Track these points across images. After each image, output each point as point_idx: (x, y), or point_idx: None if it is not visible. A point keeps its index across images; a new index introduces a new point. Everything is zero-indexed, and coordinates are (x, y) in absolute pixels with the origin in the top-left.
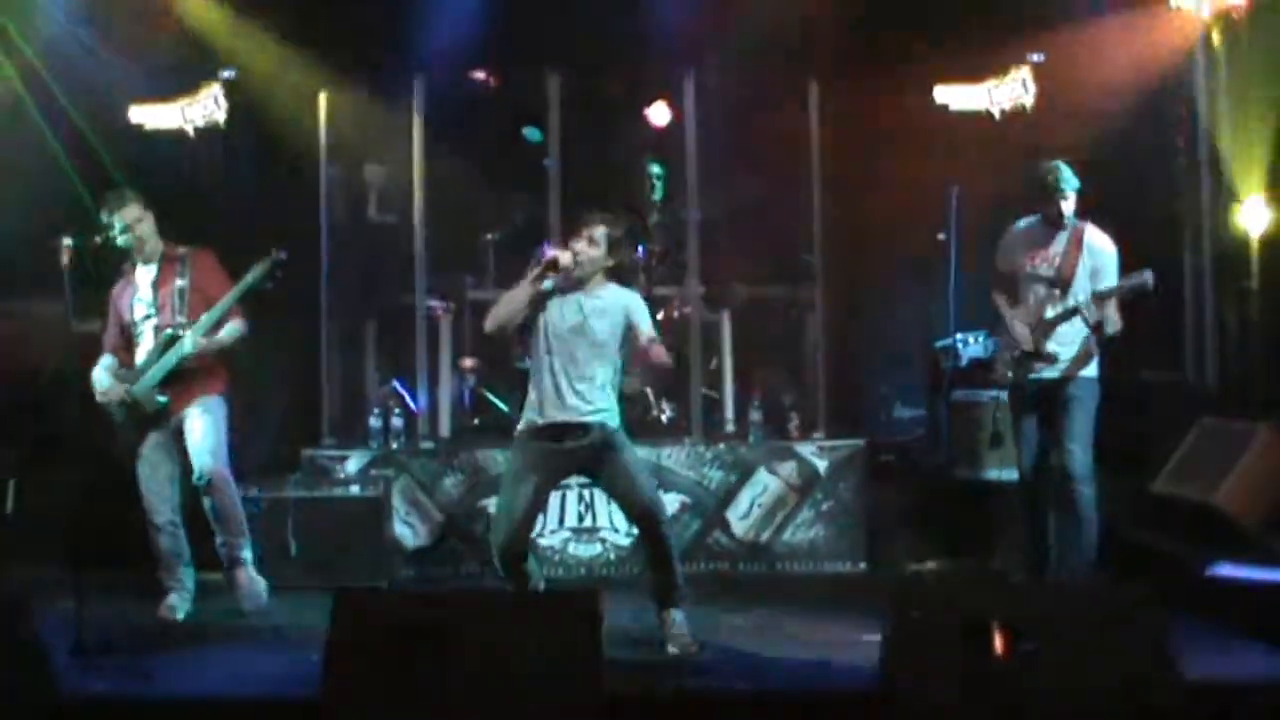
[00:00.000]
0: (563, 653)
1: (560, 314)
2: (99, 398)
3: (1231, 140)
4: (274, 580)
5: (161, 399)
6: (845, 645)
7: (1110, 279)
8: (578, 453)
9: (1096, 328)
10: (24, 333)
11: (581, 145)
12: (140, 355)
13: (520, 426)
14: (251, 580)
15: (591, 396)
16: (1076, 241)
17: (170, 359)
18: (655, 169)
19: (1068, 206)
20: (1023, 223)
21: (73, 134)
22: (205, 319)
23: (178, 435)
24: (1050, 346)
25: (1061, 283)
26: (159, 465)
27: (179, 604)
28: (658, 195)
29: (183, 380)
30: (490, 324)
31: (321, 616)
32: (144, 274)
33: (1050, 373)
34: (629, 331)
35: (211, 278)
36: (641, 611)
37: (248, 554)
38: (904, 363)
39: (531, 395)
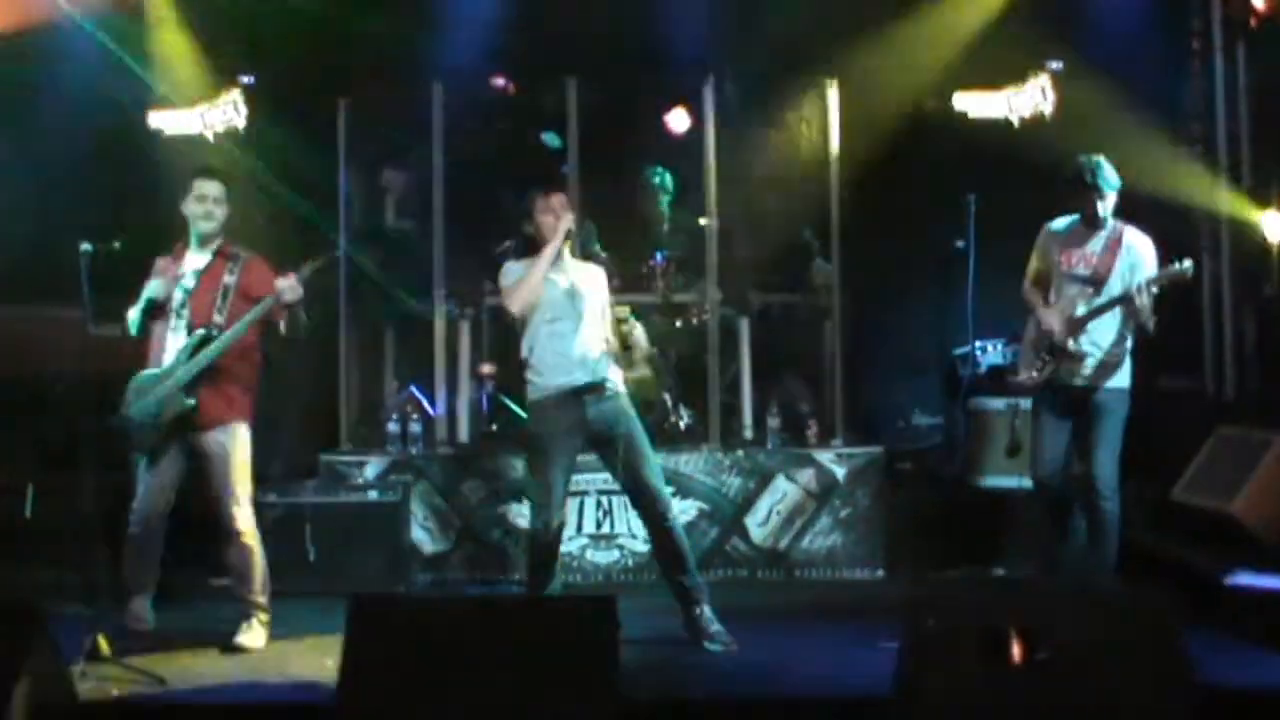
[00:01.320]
0: (579, 658)
1: (554, 282)
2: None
3: (1251, 146)
4: (292, 585)
5: (190, 401)
6: (862, 652)
7: (1150, 273)
8: (598, 420)
9: (1134, 314)
10: (41, 337)
11: (600, 152)
12: (169, 350)
13: (539, 397)
14: (255, 631)
15: (601, 358)
16: (1115, 242)
17: (203, 359)
18: (657, 179)
19: (1105, 205)
20: (1060, 222)
21: (91, 139)
22: (250, 314)
23: (195, 454)
24: (1078, 345)
25: (1096, 281)
26: (163, 471)
27: (141, 612)
28: (664, 203)
29: (214, 385)
30: (519, 305)
31: (338, 621)
32: (193, 259)
33: (1081, 380)
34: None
35: (264, 282)
36: (659, 617)
37: (263, 614)
38: (922, 370)
39: (547, 363)
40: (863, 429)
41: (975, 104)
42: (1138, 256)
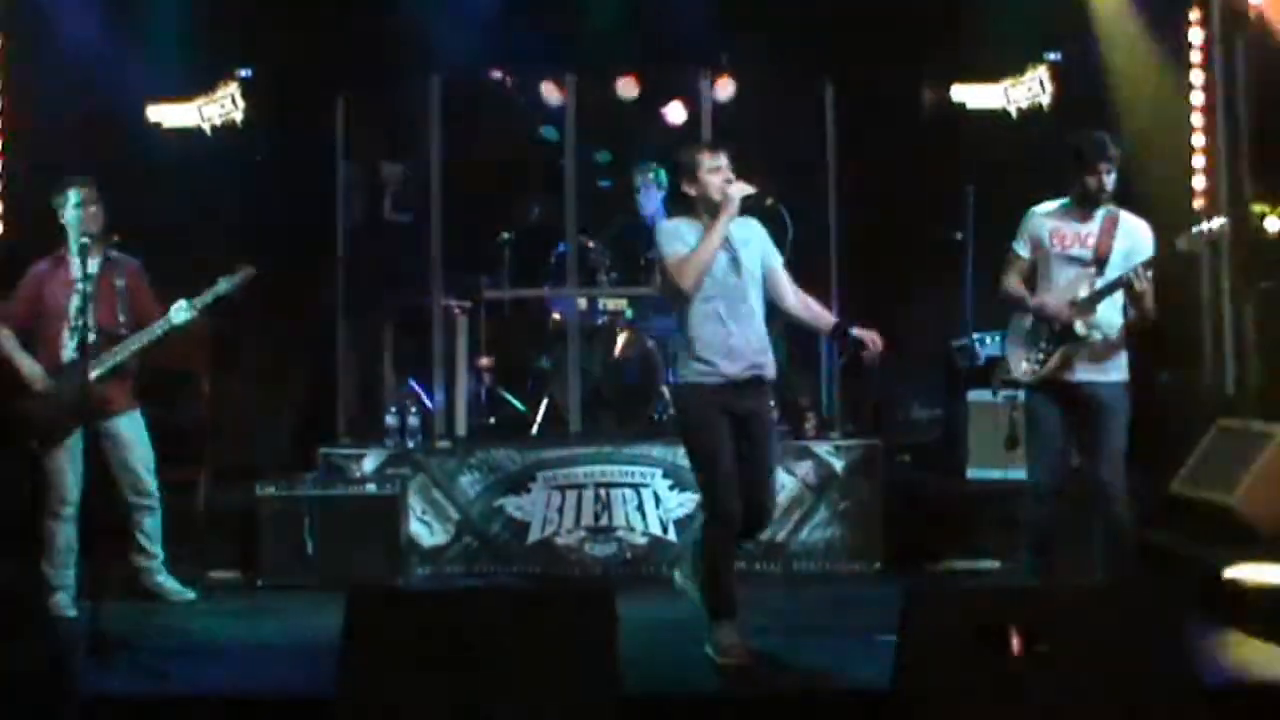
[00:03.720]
0: (578, 652)
1: (716, 255)
2: (39, 387)
3: (1251, 139)
4: (290, 578)
5: (103, 394)
6: (860, 646)
7: (1148, 255)
8: (750, 410)
9: (1135, 299)
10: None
11: (597, 146)
12: (67, 348)
13: (693, 381)
14: (181, 586)
15: (758, 337)
16: (1112, 222)
17: (117, 358)
18: (652, 174)
19: (1108, 181)
20: (1047, 205)
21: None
22: (150, 334)
23: (99, 437)
24: (1087, 329)
25: (1098, 261)
26: (78, 457)
27: (68, 603)
28: (659, 198)
29: (116, 381)
30: (689, 280)
31: (336, 615)
32: (78, 265)
33: (1083, 374)
34: (767, 261)
35: (141, 286)
36: (657, 610)
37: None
38: (920, 362)
39: (714, 348)
40: (861, 421)
41: (973, 96)
42: (1136, 239)
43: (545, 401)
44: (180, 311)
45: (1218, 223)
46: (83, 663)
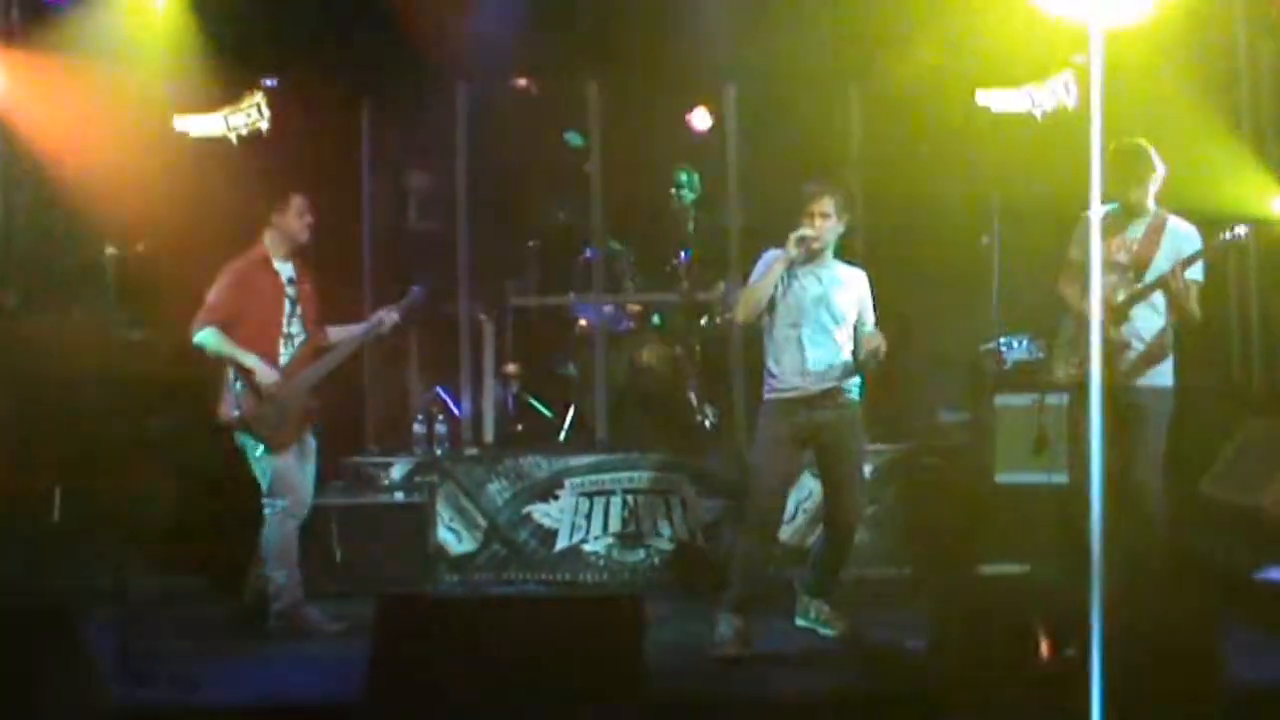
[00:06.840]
0: (606, 659)
1: (802, 287)
2: (265, 384)
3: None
4: (318, 587)
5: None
6: (890, 650)
7: (1194, 267)
8: (824, 424)
9: (1174, 298)
10: (66, 340)
11: (622, 151)
12: (283, 354)
13: (770, 397)
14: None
15: (839, 365)
16: (1157, 229)
17: (331, 363)
18: (683, 176)
19: (1147, 191)
20: (1099, 210)
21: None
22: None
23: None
24: (1119, 334)
25: (1137, 267)
26: (304, 463)
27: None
28: (688, 201)
29: (315, 395)
30: (744, 314)
31: (365, 623)
32: (284, 269)
33: (1121, 376)
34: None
35: (316, 292)
36: (685, 616)
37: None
38: (948, 366)
39: (778, 367)
40: (888, 426)
41: (998, 100)
42: (1182, 243)
43: (572, 408)
44: (390, 314)
45: (1242, 229)
46: (113, 671)
